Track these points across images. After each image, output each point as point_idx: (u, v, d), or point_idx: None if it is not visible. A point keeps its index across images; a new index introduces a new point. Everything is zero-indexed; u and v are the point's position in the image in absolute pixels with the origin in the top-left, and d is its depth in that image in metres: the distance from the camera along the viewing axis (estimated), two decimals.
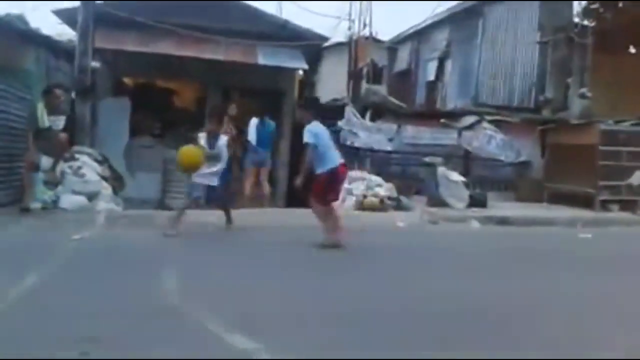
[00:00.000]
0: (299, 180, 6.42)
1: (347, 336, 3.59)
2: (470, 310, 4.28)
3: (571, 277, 5.63)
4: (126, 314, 3.87)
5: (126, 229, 5.98)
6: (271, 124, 10.18)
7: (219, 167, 7.06)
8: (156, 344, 3.34)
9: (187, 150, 6.96)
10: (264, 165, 10.11)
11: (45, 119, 8.08)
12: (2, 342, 3.26)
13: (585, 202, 10.93)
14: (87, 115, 10.18)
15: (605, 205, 10.83)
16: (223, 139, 7.19)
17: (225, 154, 7.14)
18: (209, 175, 7.00)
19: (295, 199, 11.90)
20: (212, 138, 7.11)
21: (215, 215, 7.54)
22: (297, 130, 7.68)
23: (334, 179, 6.72)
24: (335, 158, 6.71)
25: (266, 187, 10.09)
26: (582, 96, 13.20)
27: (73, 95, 10.08)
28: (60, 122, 8.77)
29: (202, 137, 7.14)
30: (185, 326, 3.68)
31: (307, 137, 6.53)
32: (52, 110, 8.16)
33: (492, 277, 5.46)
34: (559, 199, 11.55)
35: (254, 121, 9.92)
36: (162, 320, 3.78)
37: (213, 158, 7.02)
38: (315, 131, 6.61)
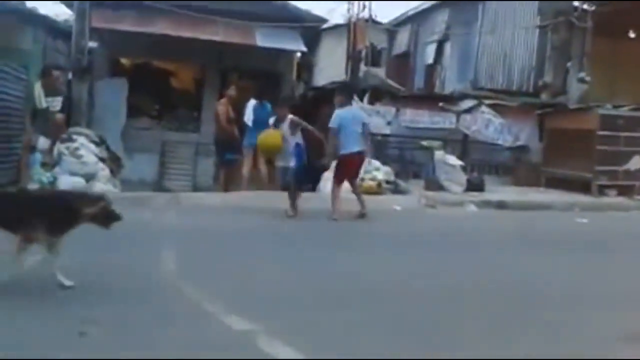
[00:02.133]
0: (326, 160, 7.38)
1: (343, 317, 3.61)
2: (464, 291, 4.31)
3: (568, 260, 5.66)
4: (123, 294, 3.89)
5: (124, 210, 5.96)
6: (267, 105, 10.14)
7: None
8: (154, 324, 3.36)
9: (268, 135, 7.28)
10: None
11: (42, 100, 8.05)
12: (0, 323, 3.27)
13: (583, 187, 10.94)
14: (84, 96, 10.13)
15: (602, 190, 10.85)
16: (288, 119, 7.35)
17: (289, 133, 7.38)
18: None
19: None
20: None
21: (219, 198, 7.54)
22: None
23: (345, 164, 7.28)
24: (351, 146, 7.16)
25: (264, 170, 10.08)
26: (581, 81, 13.14)
27: (70, 75, 10.02)
28: (57, 102, 8.73)
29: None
30: (183, 307, 3.70)
31: (331, 122, 7.15)
32: (49, 91, 8.12)
33: (487, 260, 5.48)
34: (556, 183, 11.56)
35: (251, 103, 9.89)
36: (160, 301, 3.80)
37: None
38: (342, 116, 7.12)
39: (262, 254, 5.36)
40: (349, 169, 7.36)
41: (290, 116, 7.34)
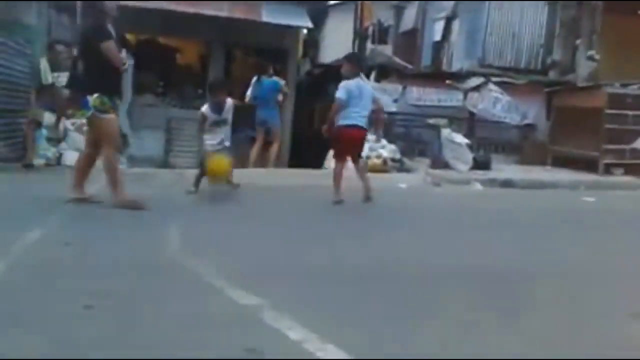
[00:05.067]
0: (324, 128, 6.93)
1: (347, 292, 3.62)
2: (465, 269, 4.31)
3: (574, 238, 5.65)
4: (130, 269, 3.90)
5: (130, 186, 6.00)
6: (268, 82, 10.03)
7: (225, 129, 6.97)
8: (159, 298, 3.38)
9: (216, 161, 6.61)
10: (267, 125, 10.03)
11: (48, 76, 8.04)
12: (6, 295, 3.30)
13: (589, 165, 10.88)
14: None
15: (609, 168, 10.79)
16: (229, 103, 7.08)
17: (231, 117, 7.05)
18: (220, 141, 6.91)
19: (298, 159, 11.93)
20: (218, 105, 6.96)
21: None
22: (301, 90, 7.65)
23: (341, 137, 6.79)
24: (352, 119, 6.69)
25: (274, 150, 10.00)
26: (590, 58, 13.00)
27: (75, 51, 9.97)
28: (63, 78, 8.72)
29: (205, 107, 7.00)
30: (190, 282, 3.71)
31: (338, 92, 6.72)
32: (55, 67, 8.11)
33: (490, 238, 5.47)
34: (563, 162, 11.51)
35: (253, 80, 9.86)
36: (165, 275, 3.81)
37: (222, 122, 6.93)
38: (349, 88, 6.67)
39: (268, 231, 5.37)
40: (346, 143, 6.83)
41: (230, 100, 7.06)
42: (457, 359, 2.76)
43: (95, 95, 5.57)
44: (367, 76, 12.12)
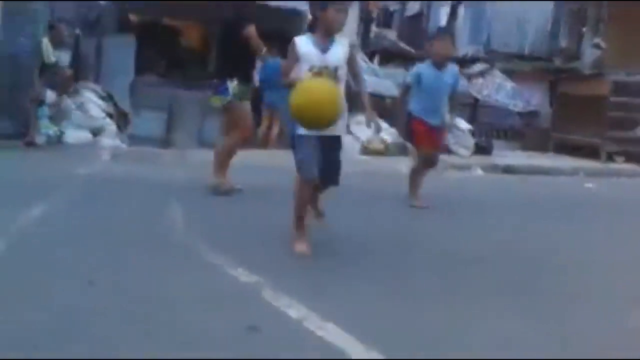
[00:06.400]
0: None
1: (347, 271, 3.64)
2: (463, 255, 4.33)
3: (574, 225, 5.65)
4: (132, 246, 3.92)
5: (131, 165, 6.01)
6: (272, 62, 9.96)
7: None
8: (161, 275, 3.40)
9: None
10: (273, 106, 9.99)
11: (50, 54, 8.01)
12: (8, 271, 3.32)
13: (592, 153, 10.87)
14: (92, 52, 10.06)
15: (610, 156, 10.78)
16: None
17: None
18: None
19: None
20: None
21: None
22: None
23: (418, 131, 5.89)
24: (429, 114, 5.71)
25: (275, 132, 9.98)
26: (596, 46, 12.93)
27: (78, 31, 9.94)
28: (65, 57, 8.70)
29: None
30: (191, 260, 3.73)
31: (408, 75, 6.13)
32: (57, 45, 8.08)
33: (489, 225, 5.47)
34: (565, 149, 11.49)
35: (259, 64, 9.79)
36: (167, 254, 3.83)
37: None
38: (426, 72, 5.73)
39: (269, 211, 5.37)
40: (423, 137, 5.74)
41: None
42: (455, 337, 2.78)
43: (235, 82, 5.63)
44: (371, 60, 12.09)
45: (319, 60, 3.92)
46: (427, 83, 5.59)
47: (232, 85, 5.63)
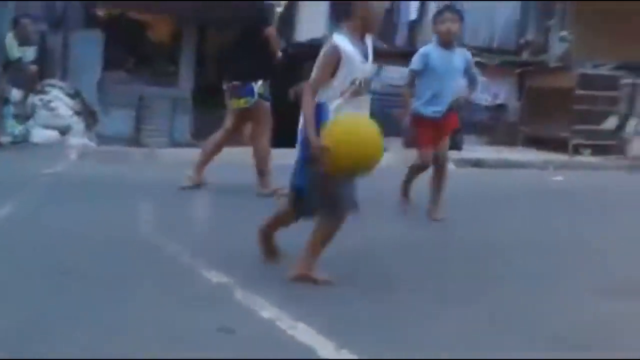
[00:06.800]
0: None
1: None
2: (446, 244, 4.38)
3: (542, 215, 5.78)
4: (103, 248, 3.87)
5: (100, 164, 5.92)
6: None
7: None
8: (132, 277, 3.36)
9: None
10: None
11: (15, 50, 7.85)
12: None
13: (559, 146, 11.05)
14: (58, 48, 9.87)
15: (577, 149, 10.98)
16: None
17: None
18: None
19: (281, 137, 11.80)
20: None
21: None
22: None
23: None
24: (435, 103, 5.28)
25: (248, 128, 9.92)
26: (563, 39, 13.12)
27: (43, 26, 9.73)
28: (30, 53, 8.52)
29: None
30: (162, 261, 3.70)
31: (413, 61, 5.52)
32: (22, 41, 7.91)
33: (462, 216, 5.54)
34: (533, 142, 11.66)
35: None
36: (137, 255, 3.79)
37: None
38: (433, 55, 5.29)
39: (240, 210, 5.34)
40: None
41: None
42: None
43: (260, 82, 5.70)
44: None
45: (361, 71, 3.15)
46: (434, 65, 5.11)
47: (258, 85, 5.74)
